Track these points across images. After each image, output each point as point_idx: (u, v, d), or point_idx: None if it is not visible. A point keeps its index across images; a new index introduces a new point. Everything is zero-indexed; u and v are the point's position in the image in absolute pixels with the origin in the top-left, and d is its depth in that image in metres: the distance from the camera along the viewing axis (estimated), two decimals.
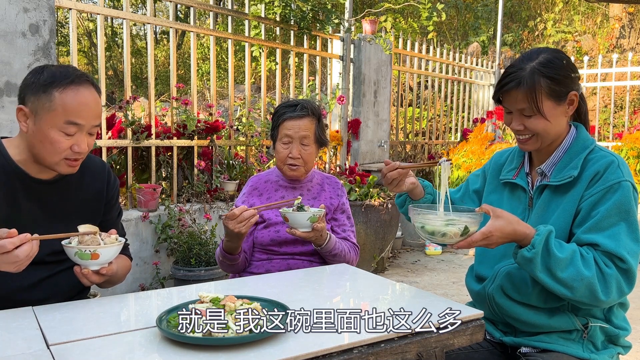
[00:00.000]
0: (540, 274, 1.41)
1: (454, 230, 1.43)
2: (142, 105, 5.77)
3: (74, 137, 1.51)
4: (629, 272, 1.41)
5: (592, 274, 1.39)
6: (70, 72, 1.53)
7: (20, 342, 1.16)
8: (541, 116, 1.51)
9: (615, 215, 1.44)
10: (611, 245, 1.41)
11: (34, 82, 1.51)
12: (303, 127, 2.08)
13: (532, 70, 1.50)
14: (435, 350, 1.24)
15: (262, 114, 4.76)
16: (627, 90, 7.21)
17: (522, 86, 1.50)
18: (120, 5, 8.66)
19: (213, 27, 4.49)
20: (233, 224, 1.85)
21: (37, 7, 3.12)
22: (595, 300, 1.41)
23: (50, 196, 1.61)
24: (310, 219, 1.88)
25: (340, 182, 2.29)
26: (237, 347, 1.11)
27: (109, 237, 1.51)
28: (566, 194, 1.53)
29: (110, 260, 1.49)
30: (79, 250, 1.43)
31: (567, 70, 1.52)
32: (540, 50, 1.56)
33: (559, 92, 1.51)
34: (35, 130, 1.50)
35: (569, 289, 1.40)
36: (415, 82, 7.08)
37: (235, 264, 2.04)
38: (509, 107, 1.57)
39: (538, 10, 12.44)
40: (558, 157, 1.58)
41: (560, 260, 1.39)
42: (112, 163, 3.97)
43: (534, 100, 1.50)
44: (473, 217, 1.45)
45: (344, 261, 2.05)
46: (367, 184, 4.81)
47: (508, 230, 1.42)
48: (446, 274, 4.88)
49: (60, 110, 1.48)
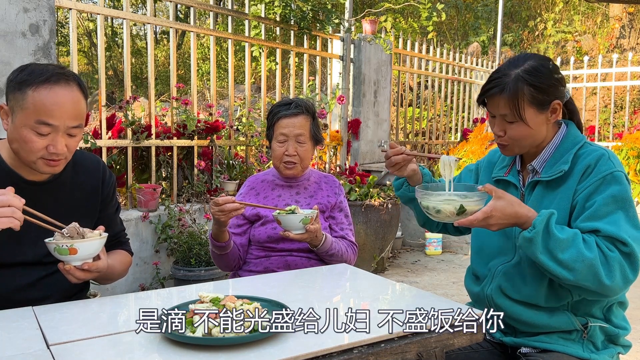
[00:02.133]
0: (541, 255, 1.40)
1: (449, 209, 1.46)
2: (142, 105, 5.77)
3: (49, 138, 1.47)
4: (632, 256, 1.40)
5: (594, 256, 1.37)
6: (50, 70, 1.48)
7: (20, 342, 1.16)
8: (523, 123, 1.52)
9: (612, 204, 1.44)
10: (612, 229, 1.41)
11: (13, 80, 1.48)
12: (298, 124, 2.09)
13: (517, 77, 1.51)
14: (435, 350, 1.24)
15: (262, 114, 4.76)
16: (627, 90, 7.21)
17: (505, 92, 1.51)
18: (120, 5, 8.66)
19: (213, 27, 4.49)
20: (214, 210, 1.87)
21: (37, 7, 3.12)
22: (600, 286, 1.38)
23: (45, 198, 1.59)
24: (302, 221, 1.88)
25: (339, 181, 2.30)
26: (237, 347, 1.11)
27: (91, 232, 1.47)
28: (558, 189, 1.54)
29: (92, 255, 1.46)
30: (56, 245, 1.41)
31: (551, 79, 1.53)
32: (528, 56, 1.56)
33: (542, 100, 1.52)
34: (12, 128, 1.49)
35: (570, 271, 1.38)
36: (415, 82, 7.08)
37: (223, 254, 2.03)
38: (492, 112, 1.59)
39: (538, 10, 12.44)
40: (549, 154, 1.59)
41: (561, 241, 1.38)
42: (112, 163, 3.97)
43: (516, 107, 1.51)
44: (474, 196, 1.47)
45: (341, 260, 2.05)
46: (367, 184, 4.81)
47: (509, 211, 1.43)
48: (446, 274, 4.88)
49: (31, 109, 1.44)
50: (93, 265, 1.47)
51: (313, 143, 2.15)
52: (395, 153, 1.73)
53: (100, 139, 3.64)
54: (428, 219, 1.88)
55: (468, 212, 1.45)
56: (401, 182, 1.86)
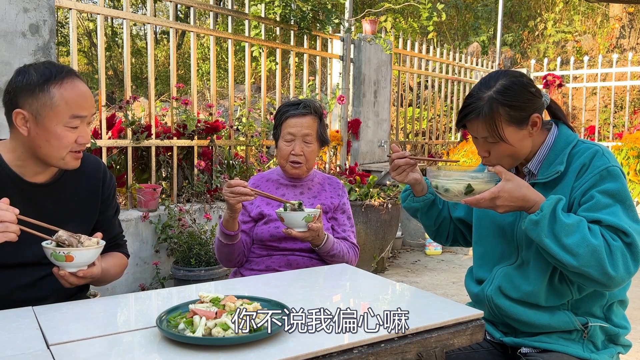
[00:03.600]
0: (546, 238, 1.40)
1: (457, 188, 1.48)
2: (142, 105, 5.78)
3: (78, 130, 1.52)
4: (634, 247, 1.40)
5: (599, 243, 1.37)
6: (59, 67, 1.53)
7: (20, 342, 1.16)
8: (504, 142, 1.53)
9: (609, 198, 1.44)
10: (613, 219, 1.41)
11: (27, 83, 1.48)
12: (306, 125, 2.10)
13: (490, 99, 1.51)
14: (435, 350, 1.24)
15: (262, 114, 4.76)
16: (627, 90, 7.21)
17: (481, 117, 1.51)
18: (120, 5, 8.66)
19: (213, 27, 4.49)
20: (226, 192, 1.88)
21: (37, 7, 3.12)
22: (604, 274, 1.37)
23: (46, 199, 1.60)
24: (305, 219, 1.89)
25: (342, 182, 2.30)
26: (237, 347, 1.11)
27: (89, 240, 1.48)
28: (555, 189, 1.54)
29: (87, 263, 1.47)
30: (53, 251, 1.42)
31: (526, 94, 1.53)
32: (498, 74, 1.56)
33: (520, 117, 1.52)
34: (39, 130, 1.48)
35: (574, 256, 1.37)
36: (415, 82, 7.08)
37: (230, 245, 2.02)
38: (472, 134, 1.59)
39: (538, 10, 12.44)
40: (543, 155, 1.59)
41: (567, 226, 1.38)
42: (112, 163, 3.97)
43: (495, 130, 1.51)
44: (483, 177, 1.49)
45: (342, 261, 2.05)
46: (367, 184, 4.81)
47: (517, 194, 1.43)
48: (446, 274, 4.88)
49: (63, 105, 1.48)
50: (88, 272, 1.48)
51: (319, 144, 2.16)
52: (398, 157, 1.72)
53: (100, 139, 3.64)
54: (438, 231, 1.89)
55: (476, 191, 1.46)
56: (407, 194, 1.86)
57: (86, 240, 1.48)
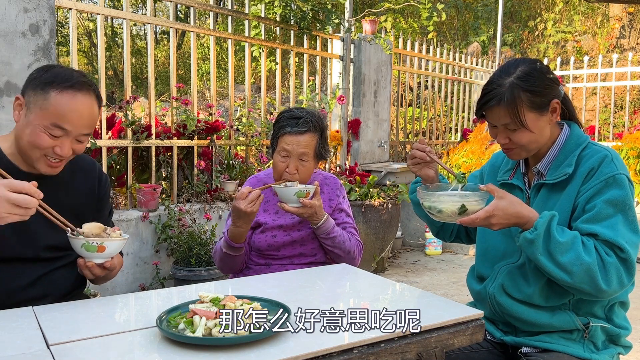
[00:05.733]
0: (541, 256, 1.42)
1: (450, 209, 1.47)
2: (142, 105, 5.77)
3: (59, 140, 1.51)
4: (628, 262, 1.42)
5: (593, 260, 1.39)
6: (75, 76, 1.53)
7: (20, 342, 1.16)
8: (525, 129, 1.52)
9: (611, 208, 1.45)
10: (610, 234, 1.42)
11: (37, 78, 1.52)
12: (303, 143, 2.01)
13: (512, 85, 1.51)
14: (435, 350, 1.24)
15: (262, 114, 4.76)
16: (627, 90, 7.21)
17: (503, 103, 1.51)
18: (120, 5, 8.66)
19: (213, 27, 4.49)
20: (244, 204, 1.87)
21: (37, 7, 3.12)
22: (597, 290, 1.40)
23: (42, 190, 1.61)
24: (297, 194, 1.91)
25: (340, 181, 2.28)
26: (237, 347, 1.11)
27: (114, 232, 1.53)
28: (563, 191, 1.55)
29: (114, 254, 1.52)
30: (86, 242, 1.44)
31: (545, 80, 1.53)
32: (517, 62, 1.57)
33: (541, 103, 1.52)
34: (25, 123, 1.52)
35: (569, 273, 1.40)
36: (415, 82, 7.08)
37: (237, 255, 2.01)
38: (492, 122, 1.59)
39: (538, 10, 12.44)
40: (553, 156, 1.60)
41: (561, 244, 1.40)
42: (112, 163, 3.97)
43: (517, 115, 1.51)
44: (475, 196, 1.48)
45: (344, 252, 2.04)
46: (367, 184, 4.81)
47: (511, 211, 1.44)
48: (446, 274, 4.88)
49: (50, 110, 1.48)
50: (112, 263, 1.52)
51: (316, 160, 2.09)
52: (417, 148, 1.71)
53: (100, 139, 3.64)
54: (441, 229, 1.90)
55: (469, 211, 1.46)
56: (416, 187, 1.85)
57: (111, 231, 1.53)
